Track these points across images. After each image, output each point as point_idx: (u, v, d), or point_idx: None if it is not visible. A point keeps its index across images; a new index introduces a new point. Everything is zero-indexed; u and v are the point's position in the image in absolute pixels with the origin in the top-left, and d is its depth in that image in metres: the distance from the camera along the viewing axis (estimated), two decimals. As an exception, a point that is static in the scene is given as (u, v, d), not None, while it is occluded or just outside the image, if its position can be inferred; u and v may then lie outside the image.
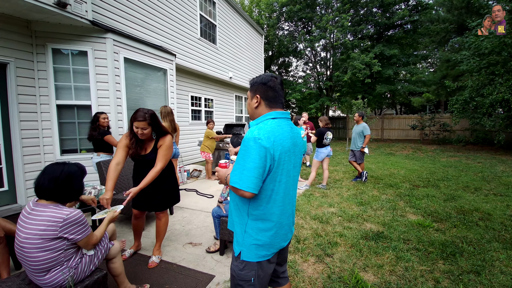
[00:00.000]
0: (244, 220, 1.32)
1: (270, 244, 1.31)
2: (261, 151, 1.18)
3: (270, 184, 1.25)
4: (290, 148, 1.29)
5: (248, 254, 1.30)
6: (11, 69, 3.72)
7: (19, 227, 1.48)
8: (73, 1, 3.77)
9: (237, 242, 1.35)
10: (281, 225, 1.35)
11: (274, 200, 1.28)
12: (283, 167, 1.27)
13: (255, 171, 1.18)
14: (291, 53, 21.96)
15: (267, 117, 1.31)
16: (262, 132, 1.21)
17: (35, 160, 4.02)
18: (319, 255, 2.72)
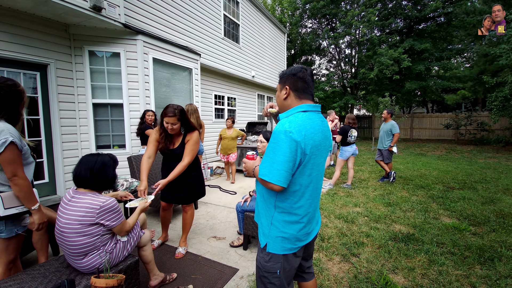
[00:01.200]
0: (271, 213, 1.31)
1: (296, 237, 1.30)
2: (292, 144, 1.16)
3: (299, 178, 1.24)
4: (321, 142, 1.27)
5: (274, 246, 1.30)
6: (51, 70, 4.04)
7: (59, 213, 1.60)
8: (107, 5, 4.00)
9: (263, 234, 1.35)
10: (308, 219, 1.33)
11: (303, 194, 1.27)
12: (314, 161, 1.25)
13: (285, 164, 1.17)
14: (314, 51, 21.59)
15: (298, 110, 1.28)
16: (293, 125, 1.18)
17: (73, 154, 4.34)
18: (345, 255, 2.64)
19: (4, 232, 1.60)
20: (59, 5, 3.49)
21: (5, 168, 1.50)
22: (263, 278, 1.34)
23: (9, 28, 3.54)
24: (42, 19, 3.88)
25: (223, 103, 8.60)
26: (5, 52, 3.51)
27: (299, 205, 1.28)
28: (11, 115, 1.60)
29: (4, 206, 1.55)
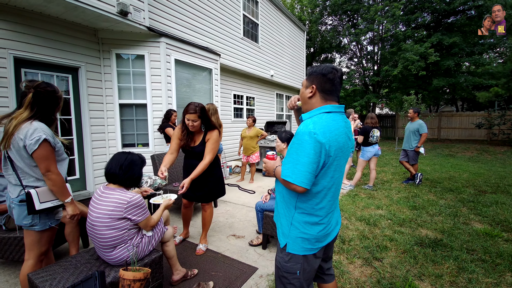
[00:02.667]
0: (291, 213, 1.31)
1: (316, 238, 1.28)
2: (316, 146, 1.14)
3: (322, 180, 1.22)
4: (345, 144, 1.25)
5: (294, 247, 1.29)
6: (82, 72, 4.28)
7: (91, 207, 1.70)
8: (133, 9, 4.17)
9: (283, 234, 1.34)
10: (329, 220, 1.32)
11: (324, 196, 1.25)
12: (337, 163, 1.23)
13: (309, 166, 1.15)
14: (334, 49, 21.10)
15: (321, 111, 1.25)
16: (318, 126, 1.16)
17: (101, 152, 4.58)
18: (367, 258, 2.57)
19: (38, 225, 1.70)
20: (89, 11, 3.69)
21: (40, 164, 1.60)
22: (283, 278, 1.33)
23: (44, 33, 3.80)
24: (74, 24, 4.13)
25: (242, 102, 8.66)
26: (40, 56, 3.77)
27: (321, 206, 1.26)
28: (47, 117, 1.70)
29: (40, 200, 1.65)
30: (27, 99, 1.62)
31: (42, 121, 1.67)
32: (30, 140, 1.54)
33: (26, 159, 1.61)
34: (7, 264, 2.47)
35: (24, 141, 1.55)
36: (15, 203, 1.66)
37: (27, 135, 1.55)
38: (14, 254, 2.23)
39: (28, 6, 3.51)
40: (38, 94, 1.63)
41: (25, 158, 1.61)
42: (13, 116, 1.62)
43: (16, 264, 2.47)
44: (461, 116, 15.11)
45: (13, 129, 1.57)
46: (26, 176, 1.66)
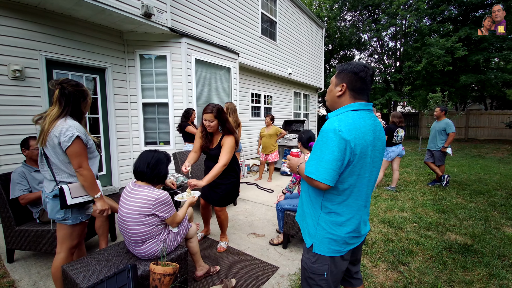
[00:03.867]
0: (317, 213, 1.28)
1: (344, 240, 1.25)
2: (341, 143, 1.12)
3: (349, 178, 1.19)
4: (372, 142, 1.20)
5: (320, 248, 1.27)
6: (109, 73, 4.46)
7: (121, 203, 1.77)
8: (156, 11, 4.28)
9: (309, 234, 1.32)
10: (358, 222, 1.28)
11: (351, 194, 1.22)
12: (364, 161, 1.19)
13: (333, 163, 1.13)
14: (354, 45, 20.54)
15: (348, 109, 1.22)
16: (343, 124, 1.15)
17: (125, 150, 4.76)
18: (392, 262, 2.49)
19: (69, 220, 1.77)
20: (115, 13, 3.83)
21: (72, 160, 1.68)
22: (310, 279, 1.31)
23: (73, 35, 3.99)
24: (101, 27, 4.30)
25: (260, 101, 8.66)
26: (70, 57, 3.97)
27: (349, 206, 1.23)
28: (76, 112, 1.76)
29: (71, 196, 1.73)
30: (55, 95, 1.70)
31: (73, 117, 1.74)
32: (64, 137, 1.62)
33: (61, 155, 1.69)
34: (39, 256, 2.62)
35: (59, 138, 1.62)
36: (49, 198, 1.75)
37: (61, 132, 1.62)
38: (47, 246, 2.36)
39: (58, 9, 3.70)
40: (64, 89, 1.69)
41: (60, 154, 1.68)
42: (46, 114, 1.71)
43: (48, 256, 2.62)
44: (491, 115, 14.23)
45: (48, 126, 1.65)
46: (60, 172, 1.74)
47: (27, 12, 3.50)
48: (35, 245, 2.37)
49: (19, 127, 3.49)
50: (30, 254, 2.66)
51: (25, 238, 2.37)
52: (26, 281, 2.22)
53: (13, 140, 3.42)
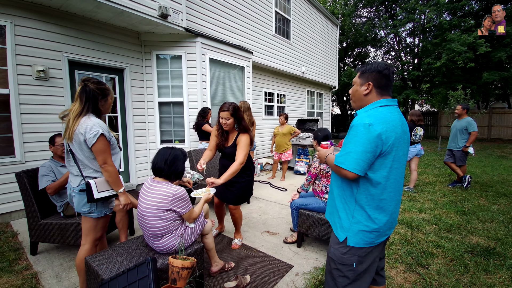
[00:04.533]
0: (352, 206, 1.31)
1: (378, 232, 1.29)
2: (370, 136, 1.17)
3: (381, 170, 1.24)
4: (402, 136, 1.26)
5: (355, 240, 1.30)
6: (127, 73, 4.60)
7: (141, 199, 1.82)
8: (172, 12, 4.36)
9: (342, 228, 1.34)
10: (391, 213, 1.31)
11: (385, 187, 1.26)
12: (396, 154, 1.24)
13: (363, 154, 1.19)
14: (369, 42, 20.05)
15: (377, 105, 1.29)
16: (373, 118, 1.21)
17: (142, 148, 4.89)
18: (410, 264, 2.42)
19: (95, 213, 1.85)
20: (133, 15, 3.94)
21: (97, 156, 1.75)
22: (336, 271, 1.34)
23: (94, 37, 4.13)
24: (120, 28, 4.44)
25: (273, 100, 8.64)
26: (91, 58, 4.12)
27: (383, 198, 1.27)
28: (95, 109, 1.81)
29: (98, 190, 1.81)
30: (77, 91, 1.78)
31: (94, 114, 1.80)
32: (89, 134, 1.68)
33: (86, 152, 1.76)
34: (62, 249, 2.75)
35: (84, 135, 1.69)
36: (76, 192, 1.83)
37: (86, 130, 1.69)
38: (70, 239, 2.47)
39: (80, 12, 3.84)
40: (85, 86, 1.77)
41: (85, 151, 1.76)
42: (70, 110, 1.78)
43: (70, 248, 2.74)
44: (517, 113, 13.48)
45: (72, 122, 1.72)
46: (86, 168, 1.81)
47: (50, 14, 3.66)
48: (58, 237, 2.48)
49: (43, 125, 3.66)
50: (53, 246, 2.78)
51: (49, 231, 2.48)
52: (49, 273, 2.32)
53: (38, 137, 3.60)
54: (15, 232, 3.10)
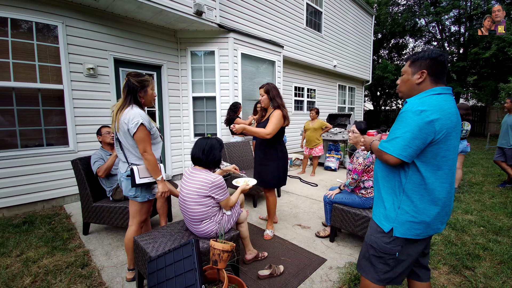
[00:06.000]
0: (399, 196, 1.27)
1: (428, 224, 1.23)
2: (422, 122, 1.13)
3: (433, 160, 1.19)
4: (456, 125, 1.20)
5: (401, 230, 1.25)
6: (164, 70, 4.84)
7: (182, 185, 1.93)
8: (206, 9, 4.48)
9: (387, 218, 1.29)
10: (444, 205, 1.24)
11: (437, 176, 1.20)
12: (450, 143, 1.18)
13: (411, 141, 1.15)
14: (408, 32, 18.72)
15: (431, 93, 1.23)
16: (426, 105, 1.16)
17: (177, 141, 5.14)
18: (455, 265, 2.27)
19: (139, 197, 2.00)
20: (171, 14, 4.13)
21: (138, 145, 1.88)
22: (377, 258, 1.31)
23: (135, 36, 4.41)
24: (158, 27, 4.68)
25: (303, 94, 8.51)
26: (132, 56, 4.40)
27: (434, 188, 1.20)
28: (136, 100, 1.94)
29: (139, 176, 1.95)
30: (123, 85, 1.94)
31: (136, 104, 1.93)
32: (131, 124, 1.82)
33: (130, 140, 1.91)
34: (110, 230, 3.01)
35: (128, 125, 1.83)
36: (123, 177, 2.00)
37: (129, 120, 1.83)
38: (118, 221, 2.70)
39: (123, 12, 4.12)
40: (128, 80, 1.92)
41: (129, 139, 1.90)
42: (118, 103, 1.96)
43: (118, 230, 2.99)
44: None
45: (116, 113, 1.88)
46: (130, 155, 1.96)
47: (97, 15, 3.97)
48: (108, 219, 2.73)
49: (92, 118, 4.01)
50: (103, 227, 3.07)
51: (100, 213, 2.74)
52: (99, 251, 2.57)
53: (88, 129, 3.96)
54: (68, 214, 3.47)
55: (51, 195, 3.73)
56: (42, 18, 3.50)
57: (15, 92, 3.40)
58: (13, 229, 2.96)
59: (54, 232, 2.91)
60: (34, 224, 3.10)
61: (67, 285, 2.02)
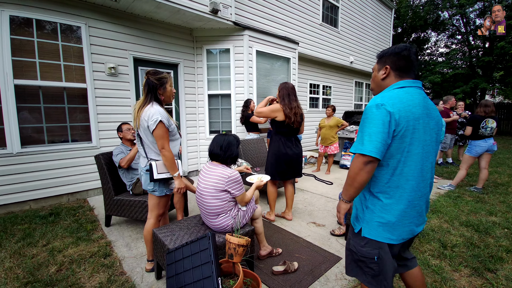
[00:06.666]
0: (366, 195, 1.26)
1: (395, 225, 1.19)
2: (383, 115, 1.11)
3: (397, 154, 1.16)
4: (422, 117, 1.16)
5: (370, 232, 1.24)
6: (181, 68, 4.94)
7: (200, 180, 1.98)
8: (222, 7, 4.52)
9: (357, 218, 1.30)
10: (412, 205, 1.20)
11: (402, 173, 1.17)
12: (413, 137, 1.14)
13: (378, 135, 1.11)
14: (430, 26, 17.95)
15: (394, 87, 1.22)
16: (386, 98, 1.15)
17: (193, 137, 5.24)
18: (476, 268, 2.19)
19: (157, 191, 2.06)
20: (188, 13, 4.19)
21: (157, 141, 1.93)
22: (360, 262, 1.29)
23: (153, 36, 4.52)
24: (175, 26, 4.77)
25: (318, 92, 8.39)
26: (151, 55, 4.52)
27: (399, 185, 1.17)
28: (156, 98, 2.00)
29: (157, 172, 2.00)
30: (143, 83, 2.00)
31: (156, 102, 1.98)
32: (151, 121, 1.88)
33: (150, 137, 1.97)
34: (130, 222, 3.14)
35: (148, 122, 1.89)
36: (143, 172, 2.07)
37: (149, 117, 1.89)
38: (138, 214, 2.81)
39: (142, 13, 4.23)
40: (148, 79, 1.98)
41: (149, 136, 1.97)
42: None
43: (137, 223, 3.11)
44: None
45: (137, 111, 1.95)
46: (150, 151, 2.03)
47: (117, 16, 4.10)
48: (128, 212, 2.84)
49: (113, 115, 4.17)
50: (123, 220, 3.20)
51: (120, 206, 2.86)
52: (120, 242, 2.69)
53: (109, 126, 4.12)
54: (92, 207, 3.64)
55: (75, 188, 3.92)
56: (66, 19, 3.67)
57: (42, 90, 3.60)
58: (39, 220, 3.14)
59: (79, 224, 3.06)
60: (59, 216, 3.28)
61: (91, 274, 2.13)
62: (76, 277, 2.08)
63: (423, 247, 2.52)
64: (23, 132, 3.49)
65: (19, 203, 3.52)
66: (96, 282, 2.02)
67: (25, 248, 2.52)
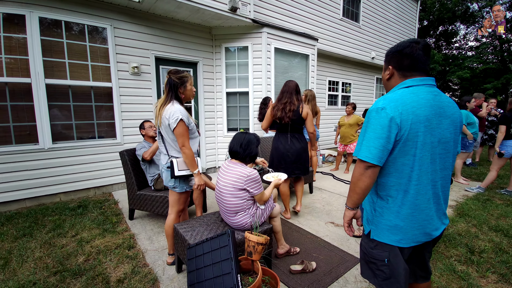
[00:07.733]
0: (374, 198, 1.23)
1: (403, 228, 1.15)
2: (383, 120, 1.07)
3: (401, 158, 1.11)
4: (429, 118, 1.09)
5: (378, 234, 1.21)
6: (200, 66, 5.02)
7: (219, 177, 2.02)
8: (241, 4, 4.52)
9: (367, 221, 1.28)
10: (419, 209, 1.15)
11: (408, 177, 1.12)
12: (418, 140, 1.09)
13: (375, 141, 1.08)
14: (459, 18, 16.93)
15: (399, 87, 1.17)
16: (387, 101, 1.10)
17: (211, 135, 5.33)
18: (504, 274, 2.07)
19: (178, 188, 2.13)
20: (207, 12, 4.24)
21: (177, 139, 1.99)
22: (371, 264, 1.27)
23: (174, 35, 4.62)
24: (194, 25, 4.84)
25: (337, 89, 8.20)
26: (171, 54, 4.63)
27: (402, 188, 1.13)
28: (177, 97, 2.05)
29: (178, 169, 2.06)
30: (165, 82, 2.06)
31: (177, 100, 2.04)
32: (172, 119, 1.93)
33: (171, 134, 2.03)
34: (152, 217, 3.25)
35: (169, 120, 1.95)
36: (164, 169, 2.14)
37: (170, 115, 1.94)
38: (159, 209, 2.91)
39: (163, 13, 4.33)
40: (169, 78, 2.04)
41: (170, 134, 2.03)
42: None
43: (158, 217, 3.22)
44: None
45: (159, 109, 2.01)
46: (171, 148, 2.09)
47: (140, 17, 4.23)
48: (150, 207, 2.96)
49: (136, 113, 4.33)
50: (145, 214, 3.33)
51: (143, 201, 2.97)
52: (143, 235, 2.80)
53: (132, 123, 4.28)
54: (116, 201, 3.81)
55: (101, 182, 4.13)
56: (93, 21, 3.84)
57: (71, 89, 3.80)
58: (69, 212, 3.35)
59: (105, 216, 3.23)
60: (87, 208, 3.47)
61: (116, 264, 2.24)
62: (102, 267, 2.20)
63: (449, 252, 2.41)
64: (54, 128, 3.72)
65: (50, 195, 3.77)
66: (121, 273, 2.13)
67: (55, 238, 2.69)
